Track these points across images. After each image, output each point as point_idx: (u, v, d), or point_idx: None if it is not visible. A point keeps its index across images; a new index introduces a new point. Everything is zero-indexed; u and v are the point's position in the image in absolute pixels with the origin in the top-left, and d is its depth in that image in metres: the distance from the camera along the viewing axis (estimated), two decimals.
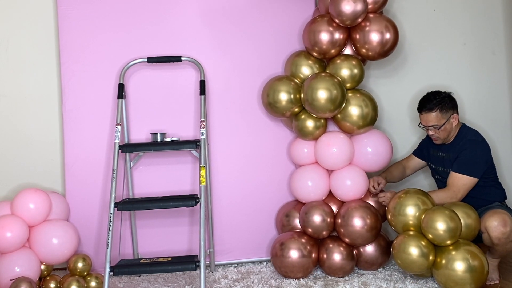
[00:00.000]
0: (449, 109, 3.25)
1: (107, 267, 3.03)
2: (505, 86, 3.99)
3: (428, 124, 3.27)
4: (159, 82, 3.60)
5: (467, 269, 2.88)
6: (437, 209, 3.00)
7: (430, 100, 3.27)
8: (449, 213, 2.97)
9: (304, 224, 3.38)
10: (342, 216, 3.33)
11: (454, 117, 3.26)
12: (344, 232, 3.32)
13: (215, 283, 3.29)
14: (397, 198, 3.14)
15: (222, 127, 3.64)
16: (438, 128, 3.24)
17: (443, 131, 3.26)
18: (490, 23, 3.99)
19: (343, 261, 3.29)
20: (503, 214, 3.02)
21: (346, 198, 3.43)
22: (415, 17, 3.92)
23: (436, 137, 3.29)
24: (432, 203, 3.09)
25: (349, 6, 3.26)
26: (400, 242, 3.04)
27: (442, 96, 3.27)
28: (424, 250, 2.97)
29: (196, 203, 3.18)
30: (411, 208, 3.07)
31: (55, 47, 3.66)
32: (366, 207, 3.33)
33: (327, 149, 3.42)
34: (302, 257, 3.29)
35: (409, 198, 3.10)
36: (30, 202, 3.23)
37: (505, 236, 2.98)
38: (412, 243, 2.99)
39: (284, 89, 3.43)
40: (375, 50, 3.36)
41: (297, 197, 3.54)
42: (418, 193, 3.12)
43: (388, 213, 3.17)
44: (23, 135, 3.65)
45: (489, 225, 3.00)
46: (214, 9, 3.65)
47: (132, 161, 3.53)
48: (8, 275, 3.08)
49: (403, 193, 3.15)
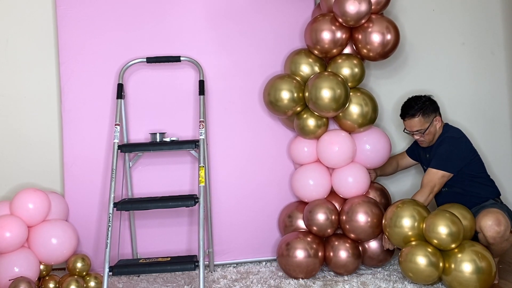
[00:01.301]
0: (431, 112, 3.29)
1: (106, 267, 3.03)
2: (504, 86, 3.99)
3: (412, 129, 3.31)
4: (158, 82, 3.60)
5: (475, 271, 2.86)
6: (438, 214, 2.99)
7: (411, 106, 3.31)
8: (450, 216, 2.96)
9: (309, 223, 3.38)
10: (346, 212, 3.34)
11: (437, 120, 3.31)
12: (349, 228, 3.32)
13: (214, 283, 3.29)
14: (394, 208, 3.13)
15: (221, 127, 3.64)
16: (422, 133, 3.29)
17: (428, 135, 3.30)
18: (489, 23, 3.99)
19: (349, 258, 3.30)
20: (497, 213, 3.02)
21: (348, 195, 3.44)
22: (414, 17, 3.92)
23: (422, 141, 3.35)
24: (427, 214, 3.08)
25: (354, 7, 3.25)
26: (407, 252, 3.01)
27: (422, 101, 3.31)
28: (432, 259, 2.94)
29: (195, 203, 3.18)
30: (407, 219, 3.05)
31: (54, 47, 3.66)
32: (369, 202, 3.34)
33: (330, 147, 3.42)
34: (308, 257, 3.29)
35: (405, 209, 3.08)
36: (29, 202, 3.22)
37: (500, 235, 2.99)
38: (419, 252, 2.96)
39: (285, 87, 3.42)
40: (376, 51, 3.36)
41: (299, 196, 3.54)
42: (414, 203, 3.11)
43: (384, 224, 3.16)
44: (22, 135, 3.65)
45: (484, 224, 3.00)
46: (213, 9, 3.65)
47: (131, 161, 3.53)
48: (7, 275, 3.08)
49: (400, 203, 3.13)
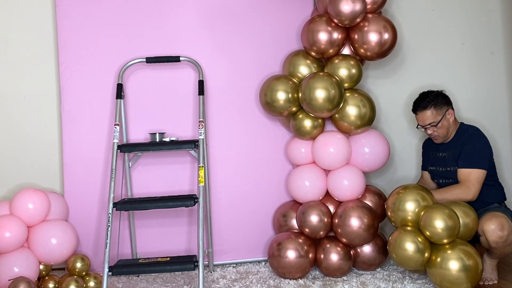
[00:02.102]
0: (443, 105, 3.25)
1: (106, 267, 3.03)
2: (504, 86, 3.99)
3: (425, 123, 3.27)
4: (158, 82, 3.60)
5: (461, 268, 2.86)
6: (436, 207, 2.98)
7: (422, 99, 3.28)
8: (448, 211, 2.94)
9: (301, 224, 3.38)
10: (339, 216, 3.32)
11: (449, 113, 3.26)
12: (341, 232, 3.31)
13: (214, 283, 3.30)
14: (396, 194, 3.12)
15: (221, 127, 3.64)
16: (435, 126, 3.23)
17: (441, 128, 3.25)
18: (489, 23, 3.99)
19: (340, 261, 3.29)
20: (500, 217, 2.99)
21: (343, 198, 3.43)
22: (413, 17, 3.92)
23: (436, 136, 3.28)
24: (431, 199, 3.06)
25: (348, 6, 3.25)
26: (396, 238, 3.02)
27: (434, 94, 3.28)
28: (420, 246, 2.95)
29: (194, 203, 3.18)
30: (411, 203, 3.04)
31: (54, 47, 3.66)
32: (363, 207, 3.32)
33: (325, 149, 3.41)
34: (299, 257, 3.28)
35: (408, 193, 3.07)
36: (29, 202, 3.22)
37: (503, 240, 2.96)
38: (409, 238, 2.97)
39: (281, 88, 3.42)
40: (373, 50, 3.35)
41: (294, 197, 3.54)
42: (417, 188, 3.10)
43: (387, 209, 3.15)
44: (22, 135, 3.65)
45: (487, 228, 2.97)
46: (213, 10, 3.65)
47: (131, 161, 3.53)
48: (6, 275, 3.08)
49: (402, 188, 3.12)
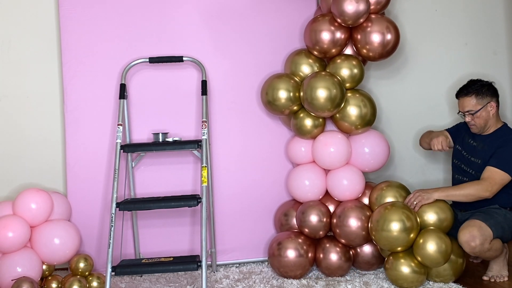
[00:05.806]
0: (487, 96, 3.18)
1: (109, 267, 3.03)
2: (507, 86, 3.99)
3: (464, 109, 3.20)
4: (161, 82, 3.60)
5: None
6: (394, 206, 3.06)
7: (468, 85, 3.22)
8: (406, 211, 3.02)
9: (301, 224, 3.37)
10: (338, 216, 3.32)
11: (491, 106, 3.18)
12: (340, 233, 3.30)
13: (217, 283, 3.29)
14: (381, 211, 3.11)
15: (224, 127, 3.63)
16: (473, 114, 3.16)
17: (478, 118, 3.17)
18: (491, 23, 3.99)
19: (339, 261, 3.28)
20: (471, 228, 2.96)
21: (342, 198, 3.42)
22: (416, 17, 3.91)
23: (473, 125, 3.21)
24: (415, 219, 3.06)
25: (352, 6, 3.25)
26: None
27: (481, 83, 3.21)
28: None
29: (197, 203, 3.18)
30: (396, 223, 3.03)
31: (57, 47, 3.66)
32: (362, 207, 3.32)
33: (325, 148, 3.41)
34: (299, 257, 3.28)
35: (394, 212, 3.06)
36: (32, 202, 3.22)
37: (476, 251, 2.94)
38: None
39: (283, 87, 3.42)
40: (376, 51, 3.35)
41: (294, 196, 3.53)
42: (403, 207, 3.09)
43: (370, 230, 3.15)
44: (25, 135, 3.65)
45: (460, 240, 2.98)
46: (215, 9, 3.65)
47: (134, 161, 3.53)
48: (10, 275, 3.08)
49: (389, 205, 3.11)
